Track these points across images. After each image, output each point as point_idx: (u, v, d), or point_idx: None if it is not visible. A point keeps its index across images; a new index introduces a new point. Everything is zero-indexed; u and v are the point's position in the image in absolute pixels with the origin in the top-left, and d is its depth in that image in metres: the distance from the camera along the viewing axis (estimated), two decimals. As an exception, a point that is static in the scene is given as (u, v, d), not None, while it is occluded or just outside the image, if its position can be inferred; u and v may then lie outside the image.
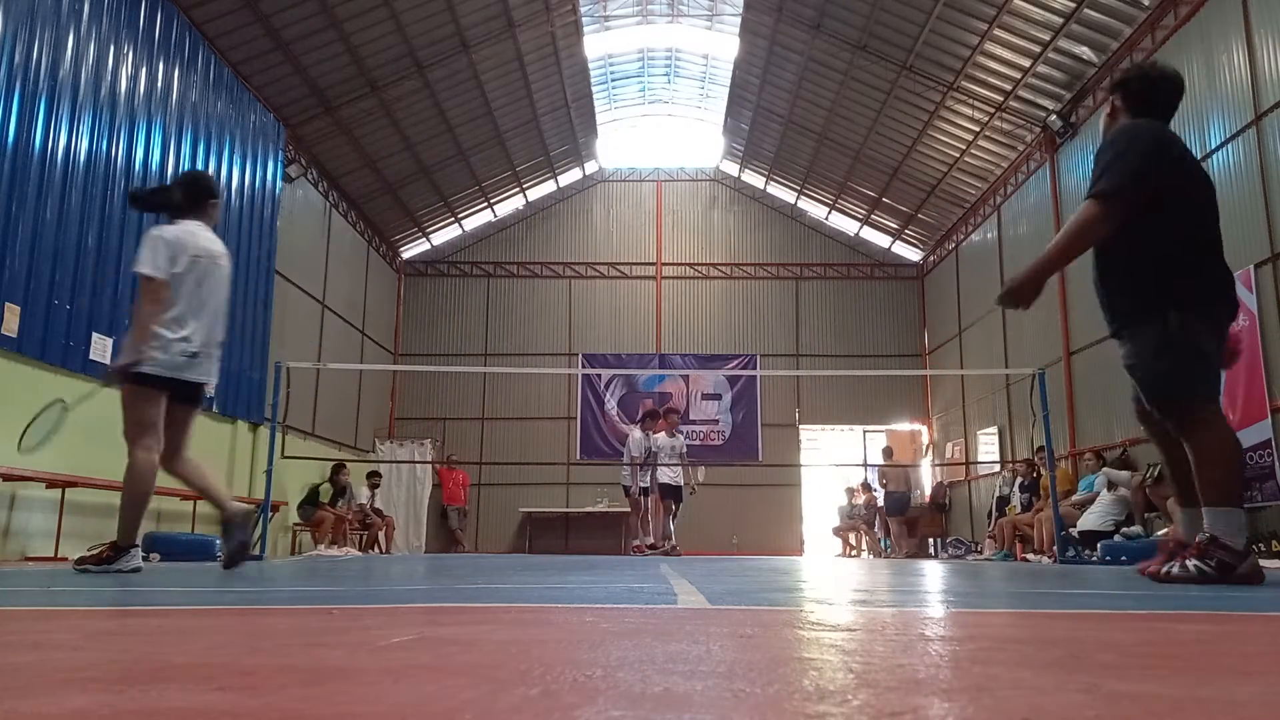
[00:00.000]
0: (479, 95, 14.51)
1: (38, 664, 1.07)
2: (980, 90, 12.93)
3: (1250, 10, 8.60)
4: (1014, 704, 0.80)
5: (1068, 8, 10.68)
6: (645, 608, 2.02)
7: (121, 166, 8.85)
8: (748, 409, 18.06)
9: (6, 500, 7.43)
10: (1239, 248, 8.71)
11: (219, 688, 0.88)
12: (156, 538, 8.32)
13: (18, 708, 0.76)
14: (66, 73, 8.12)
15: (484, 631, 1.50)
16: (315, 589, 2.96)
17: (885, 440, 17.24)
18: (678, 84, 17.95)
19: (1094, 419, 11.69)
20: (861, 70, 13.74)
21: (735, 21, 14.51)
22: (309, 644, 1.30)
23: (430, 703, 0.80)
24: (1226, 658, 1.21)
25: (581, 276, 18.79)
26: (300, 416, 12.85)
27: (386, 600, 2.37)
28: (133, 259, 4.45)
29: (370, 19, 11.82)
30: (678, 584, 3.07)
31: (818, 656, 1.15)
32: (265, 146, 11.92)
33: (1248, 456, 8.28)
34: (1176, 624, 1.80)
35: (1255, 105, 8.49)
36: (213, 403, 10.50)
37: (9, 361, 7.35)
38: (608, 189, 19.30)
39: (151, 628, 1.64)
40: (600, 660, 1.08)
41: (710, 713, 0.77)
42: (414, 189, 16.48)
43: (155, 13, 9.48)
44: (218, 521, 4.49)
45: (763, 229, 19.00)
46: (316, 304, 14.18)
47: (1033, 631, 1.63)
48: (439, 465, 16.42)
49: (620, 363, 18.01)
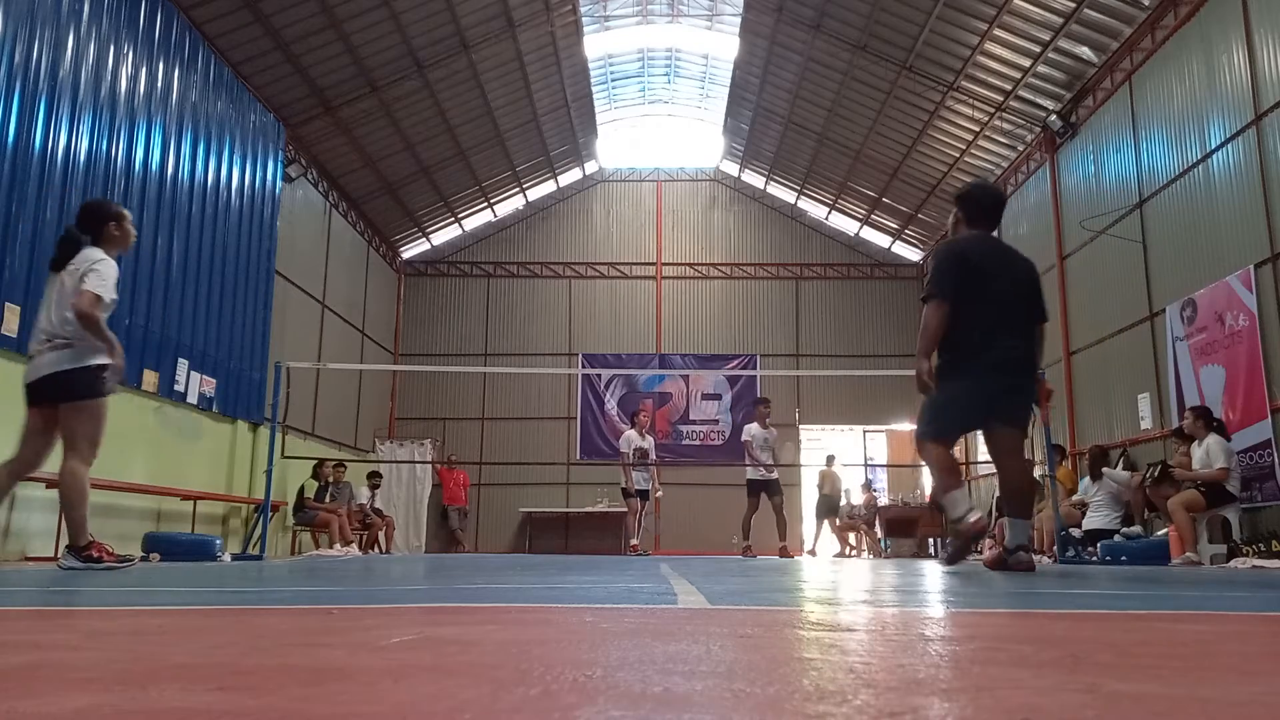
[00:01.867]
0: (479, 95, 14.51)
1: (38, 664, 1.07)
2: (980, 90, 12.93)
3: (1250, 10, 8.60)
4: (1014, 704, 0.80)
5: (1068, 8, 10.68)
6: (645, 608, 2.02)
7: (121, 166, 8.84)
8: (748, 409, 18.04)
9: (6, 500, 7.42)
10: (1239, 248, 8.72)
11: (219, 688, 0.88)
12: (156, 538, 8.32)
13: (17, 708, 0.76)
14: (66, 73, 8.12)
15: (484, 631, 1.50)
16: (315, 589, 2.96)
17: (882, 440, 17.22)
18: (678, 84, 17.95)
19: (1094, 419, 11.70)
20: (861, 70, 13.74)
21: (735, 21, 14.50)
22: (309, 644, 1.30)
23: (430, 703, 0.80)
24: (1226, 658, 1.21)
25: (581, 276, 18.79)
26: (300, 416, 12.85)
27: (386, 600, 2.37)
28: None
29: (370, 19, 11.82)
30: (678, 584, 3.07)
31: (818, 656, 1.15)
32: (265, 146, 11.92)
33: (1246, 456, 8.29)
34: (1176, 624, 1.80)
35: (1255, 105, 8.48)
36: (211, 402, 10.51)
37: (9, 361, 7.35)
38: (608, 189, 19.29)
39: (151, 628, 1.64)
40: (600, 660, 1.08)
41: (710, 713, 0.77)
42: (414, 189, 16.48)
43: (155, 13, 9.48)
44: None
45: (763, 229, 19.00)
46: (316, 304, 14.18)
47: (1033, 631, 1.63)
48: (439, 465, 16.43)
49: (620, 363, 18.01)
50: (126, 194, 8.90)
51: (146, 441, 9.29)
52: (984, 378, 4.60)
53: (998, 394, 4.61)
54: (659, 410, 17.93)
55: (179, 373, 9.74)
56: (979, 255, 4.77)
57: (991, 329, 4.60)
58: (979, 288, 4.64)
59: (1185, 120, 9.70)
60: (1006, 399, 4.64)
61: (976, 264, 4.72)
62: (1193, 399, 9.11)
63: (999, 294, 4.66)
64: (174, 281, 9.70)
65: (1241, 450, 8.24)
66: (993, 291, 4.65)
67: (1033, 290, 4.85)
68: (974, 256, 4.75)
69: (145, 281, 9.17)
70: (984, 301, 4.63)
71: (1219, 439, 7.88)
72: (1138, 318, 10.52)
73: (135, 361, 9.00)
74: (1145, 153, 10.49)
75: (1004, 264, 4.83)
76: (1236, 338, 8.65)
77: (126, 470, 8.90)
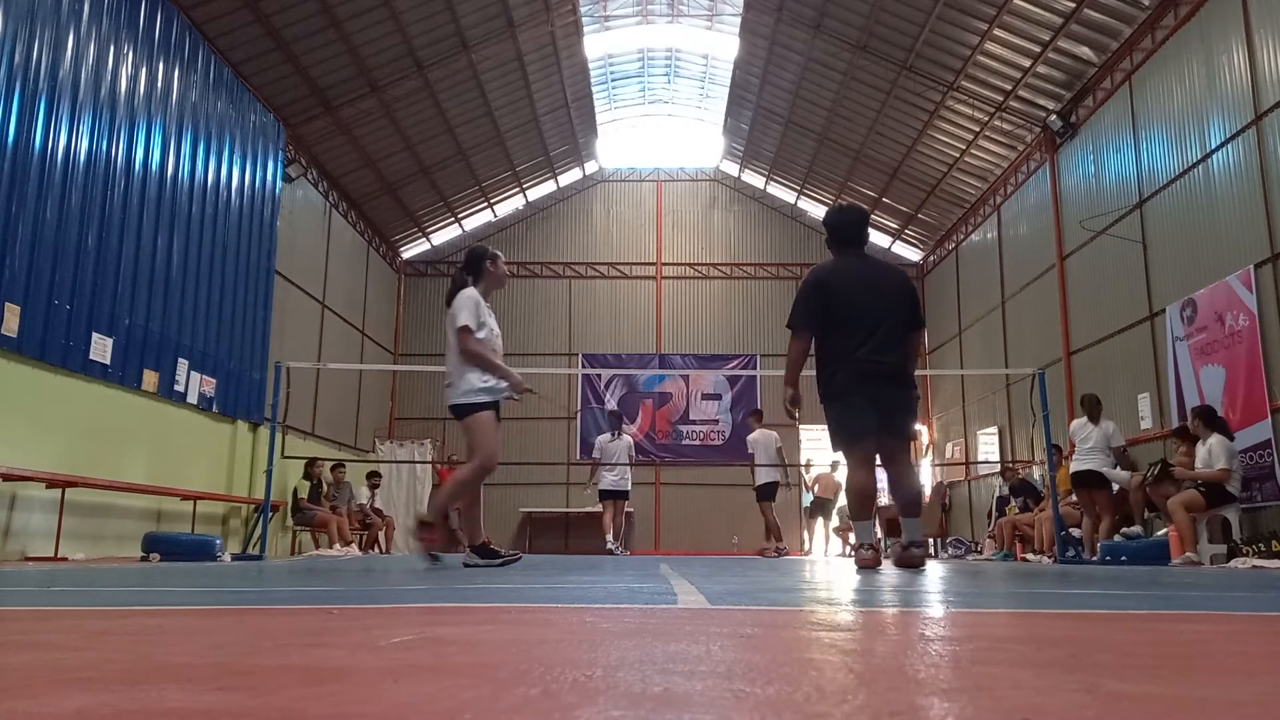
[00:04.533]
0: (479, 95, 14.51)
1: (38, 664, 1.07)
2: (980, 90, 12.93)
3: (1250, 10, 8.59)
4: (1014, 704, 0.80)
5: (1068, 8, 10.68)
6: (645, 608, 2.02)
7: (121, 166, 8.84)
8: (748, 409, 18.03)
9: (6, 500, 7.43)
10: (1238, 248, 8.72)
11: (219, 688, 0.88)
12: (156, 538, 8.32)
13: (17, 708, 0.76)
14: (66, 73, 8.12)
15: (484, 631, 1.50)
16: (315, 589, 2.95)
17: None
18: (678, 84, 17.95)
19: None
20: (861, 70, 13.74)
21: (735, 21, 14.50)
22: (309, 644, 1.30)
23: (430, 703, 0.80)
24: (1226, 658, 1.21)
25: (581, 276, 18.79)
26: (300, 416, 12.85)
27: (386, 600, 2.37)
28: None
29: (370, 19, 11.82)
30: (677, 584, 3.07)
31: (818, 656, 1.15)
32: (265, 146, 11.92)
33: (1246, 456, 8.29)
34: (1176, 624, 1.80)
35: (1255, 105, 8.48)
36: (211, 403, 10.51)
37: (9, 361, 7.35)
38: (608, 189, 19.29)
39: (151, 628, 1.64)
40: (600, 660, 1.08)
41: (710, 713, 0.77)
42: (414, 189, 16.48)
43: (155, 13, 9.48)
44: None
45: (763, 229, 19.00)
46: (316, 304, 14.18)
47: (1033, 631, 1.63)
48: (439, 465, 16.42)
49: (620, 363, 18.01)
50: (126, 194, 8.91)
51: (146, 441, 9.29)
52: (860, 390, 4.91)
53: (880, 403, 4.90)
54: (659, 410, 17.95)
55: (179, 373, 9.74)
56: (840, 277, 5.08)
57: (858, 344, 4.92)
58: (843, 308, 4.97)
59: (1185, 120, 9.70)
60: (888, 409, 4.92)
61: (836, 286, 5.04)
62: (1193, 399, 9.11)
63: (863, 310, 4.97)
64: (174, 281, 9.70)
65: (1241, 450, 8.24)
66: (857, 309, 4.97)
67: (902, 301, 5.11)
68: (833, 280, 5.06)
69: (145, 281, 9.17)
70: (849, 320, 4.96)
71: (1222, 439, 7.87)
72: (1138, 318, 10.52)
73: (135, 361, 9.01)
74: (1145, 153, 10.49)
75: (866, 282, 5.08)
76: (1236, 338, 8.65)
77: (126, 470, 8.91)
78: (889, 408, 4.93)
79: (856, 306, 4.97)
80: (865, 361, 4.90)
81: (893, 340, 4.97)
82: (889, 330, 4.97)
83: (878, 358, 4.90)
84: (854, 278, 5.09)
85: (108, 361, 8.53)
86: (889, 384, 4.94)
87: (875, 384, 4.90)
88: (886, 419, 4.92)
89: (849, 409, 4.95)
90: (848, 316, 4.97)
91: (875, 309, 4.99)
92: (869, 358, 4.89)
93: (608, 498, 11.75)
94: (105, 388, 8.59)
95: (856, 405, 4.92)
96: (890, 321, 4.99)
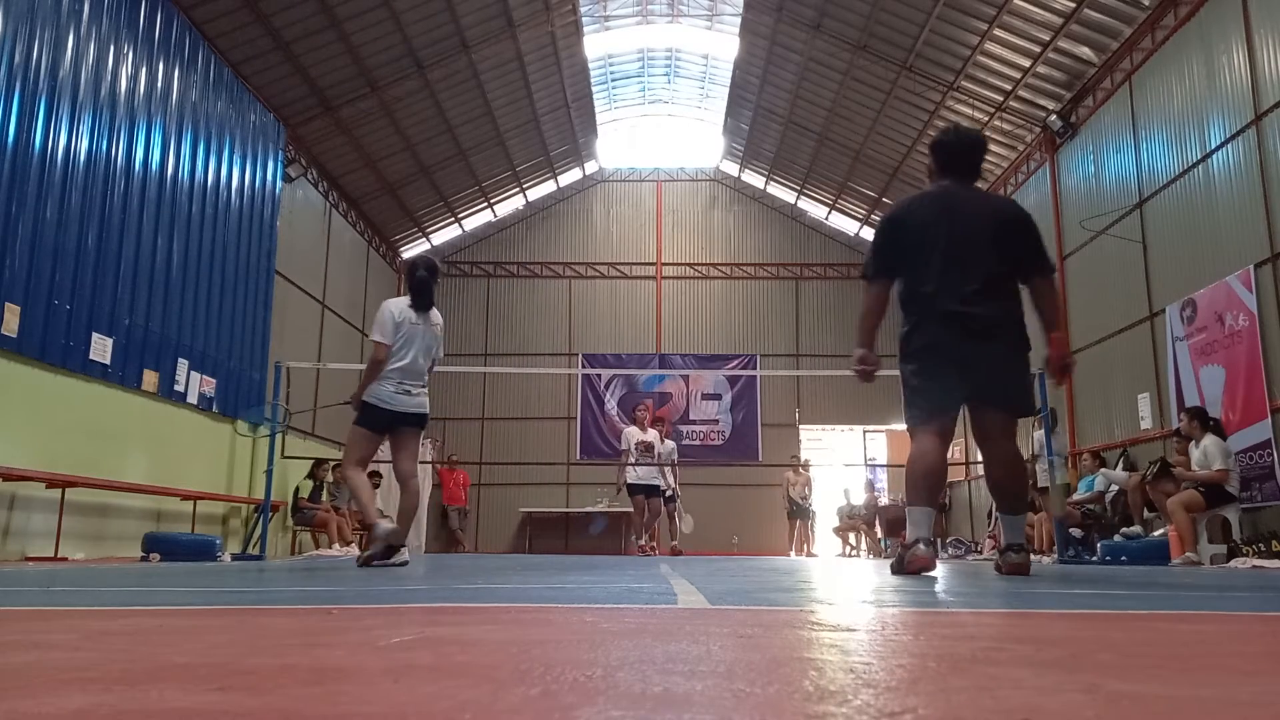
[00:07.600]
0: (479, 95, 14.51)
1: (38, 664, 1.07)
2: (980, 90, 12.93)
3: (1250, 10, 8.60)
4: (1014, 704, 0.80)
5: (1068, 8, 10.68)
6: (645, 608, 2.02)
7: (121, 166, 8.84)
8: (748, 409, 18.06)
9: (6, 500, 7.43)
10: (1239, 248, 8.72)
11: (219, 688, 0.88)
12: (156, 538, 8.31)
13: (18, 708, 0.76)
14: (66, 73, 8.12)
15: (484, 631, 1.50)
16: (315, 589, 2.95)
17: (883, 440, 17.28)
18: (678, 84, 17.95)
19: (1094, 419, 11.70)
20: (861, 70, 13.74)
21: (735, 21, 14.51)
22: (309, 644, 1.30)
23: (430, 703, 0.80)
24: (1226, 658, 1.21)
25: (581, 276, 18.80)
26: (300, 416, 12.84)
27: (386, 600, 2.37)
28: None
29: (370, 19, 11.82)
30: (678, 584, 3.07)
31: (818, 656, 1.15)
32: (265, 146, 11.92)
33: (1246, 456, 8.29)
34: (1176, 624, 1.80)
35: (1255, 105, 8.48)
36: (211, 403, 10.50)
37: (9, 361, 7.35)
38: (608, 189, 19.29)
39: (151, 628, 1.64)
40: (600, 660, 1.08)
41: (710, 713, 0.76)
42: (414, 189, 16.47)
43: (155, 13, 9.48)
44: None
45: (763, 229, 19.00)
46: (316, 304, 14.18)
47: (1033, 631, 1.63)
48: (439, 465, 16.42)
49: (620, 363, 18.02)
50: (126, 194, 8.91)
51: (146, 441, 9.29)
52: (943, 350, 3.92)
53: (970, 365, 3.90)
54: (659, 410, 17.94)
55: (179, 373, 9.74)
56: (920, 208, 4.15)
57: (940, 290, 3.93)
58: (921, 245, 4.00)
59: (1185, 120, 9.70)
60: (984, 373, 3.91)
61: (914, 218, 4.11)
62: (1193, 399, 9.11)
63: (949, 247, 3.95)
64: (174, 281, 9.69)
65: (1241, 450, 8.24)
66: (940, 246, 3.96)
67: (1010, 237, 4.05)
68: (912, 212, 4.16)
69: (145, 281, 9.17)
70: (929, 260, 3.98)
71: (1216, 439, 7.88)
72: (1138, 318, 10.52)
73: (135, 361, 9.00)
74: (1145, 153, 10.49)
75: (954, 211, 4.06)
76: (1236, 338, 8.65)
77: (127, 470, 8.90)
78: (985, 371, 3.91)
79: (940, 243, 3.96)
80: (951, 314, 3.89)
81: (993, 286, 3.93)
82: (986, 272, 3.93)
83: (968, 308, 3.87)
84: (940, 206, 4.08)
85: (108, 361, 8.52)
86: (985, 340, 3.90)
87: (966, 341, 3.88)
88: (980, 386, 3.93)
89: (923, 374, 3.98)
90: (928, 255, 3.96)
91: (966, 245, 3.96)
92: (956, 308, 3.88)
93: (656, 493, 11.19)
94: (105, 388, 8.59)
95: (934, 370, 3.95)
96: (989, 261, 3.94)
